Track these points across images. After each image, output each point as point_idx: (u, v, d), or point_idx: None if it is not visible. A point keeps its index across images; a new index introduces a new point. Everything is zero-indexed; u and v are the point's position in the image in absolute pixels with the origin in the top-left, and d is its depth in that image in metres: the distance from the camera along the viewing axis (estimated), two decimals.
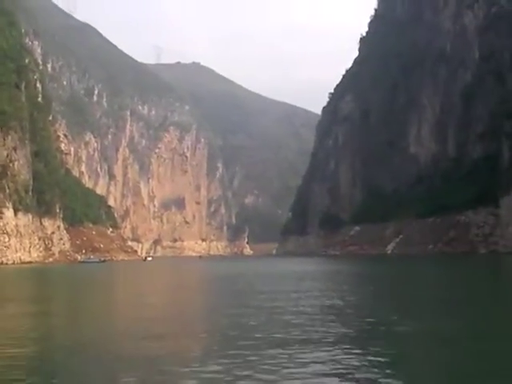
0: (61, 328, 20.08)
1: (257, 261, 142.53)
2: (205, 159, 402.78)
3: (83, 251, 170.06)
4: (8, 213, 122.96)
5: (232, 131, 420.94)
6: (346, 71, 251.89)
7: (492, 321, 19.09)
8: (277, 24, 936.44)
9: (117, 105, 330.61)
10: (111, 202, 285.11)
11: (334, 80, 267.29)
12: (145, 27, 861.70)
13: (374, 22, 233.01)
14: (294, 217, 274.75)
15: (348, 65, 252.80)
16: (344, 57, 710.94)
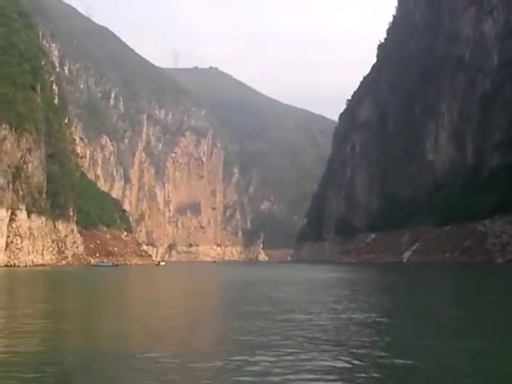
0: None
1: (271, 267, 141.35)
2: (221, 164, 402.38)
3: (97, 255, 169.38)
4: (21, 215, 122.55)
5: (249, 137, 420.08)
6: (364, 78, 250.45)
7: None
8: (296, 30, 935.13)
9: (133, 109, 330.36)
10: (126, 206, 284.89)
11: (353, 87, 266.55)
12: (163, 31, 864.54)
13: (393, 29, 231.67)
14: (310, 223, 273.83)
15: (366, 71, 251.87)
16: (363, 63, 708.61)
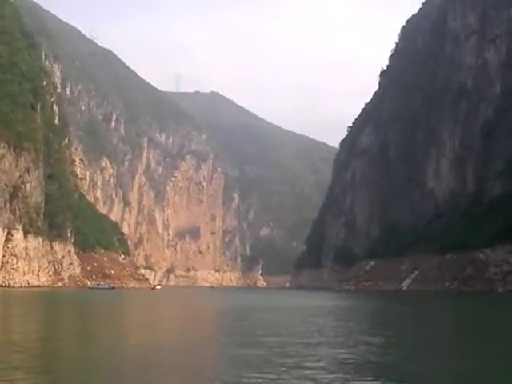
0: None
1: (270, 294, 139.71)
2: (221, 189, 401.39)
3: (93, 277, 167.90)
4: (17, 235, 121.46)
5: (249, 162, 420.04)
6: (366, 105, 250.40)
7: None
8: (297, 57, 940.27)
9: (134, 131, 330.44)
10: (125, 229, 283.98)
11: (354, 115, 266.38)
12: (165, 55, 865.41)
13: (395, 56, 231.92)
14: (309, 250, 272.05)
15: (368, 99, 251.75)
16: (365, 91, 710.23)
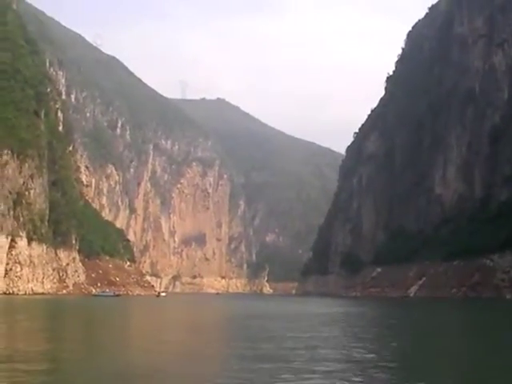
0: None
1: (276, 300, 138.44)
2: (227, 196, 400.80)
3: (98, 284, 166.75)
4: (21, 242, 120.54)
5: (255, 169, 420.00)
6: (372, 110, 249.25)
7: None
8: (302, 63, 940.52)
9: (140, 138, 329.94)
10: (131, 236, 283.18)
11: (360, 120, 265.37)
12: (171, 62, 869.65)
13: (401, 61, 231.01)
14: (315, 256, 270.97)
15: (374, 104, 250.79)
16: (371, 97, 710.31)
